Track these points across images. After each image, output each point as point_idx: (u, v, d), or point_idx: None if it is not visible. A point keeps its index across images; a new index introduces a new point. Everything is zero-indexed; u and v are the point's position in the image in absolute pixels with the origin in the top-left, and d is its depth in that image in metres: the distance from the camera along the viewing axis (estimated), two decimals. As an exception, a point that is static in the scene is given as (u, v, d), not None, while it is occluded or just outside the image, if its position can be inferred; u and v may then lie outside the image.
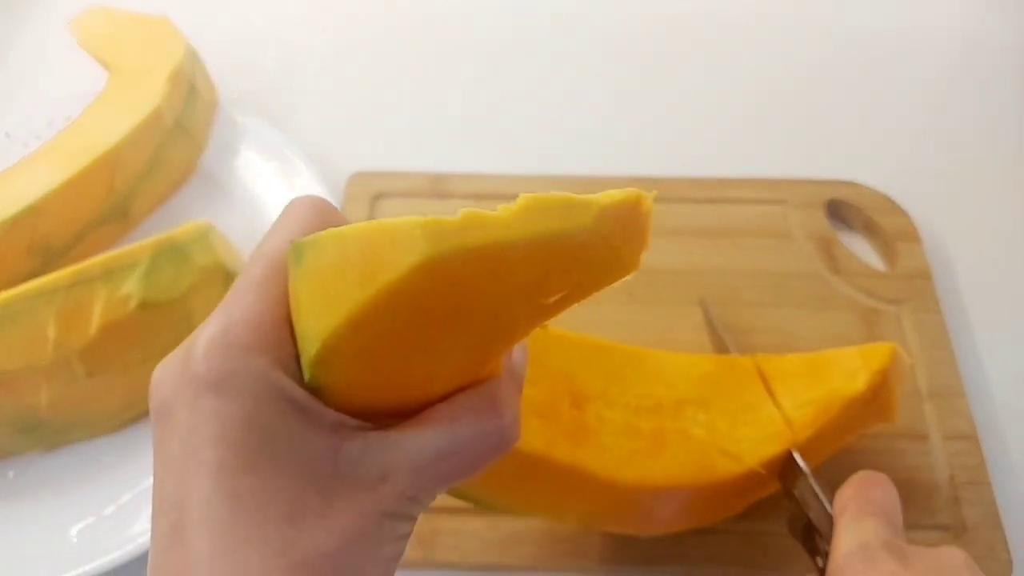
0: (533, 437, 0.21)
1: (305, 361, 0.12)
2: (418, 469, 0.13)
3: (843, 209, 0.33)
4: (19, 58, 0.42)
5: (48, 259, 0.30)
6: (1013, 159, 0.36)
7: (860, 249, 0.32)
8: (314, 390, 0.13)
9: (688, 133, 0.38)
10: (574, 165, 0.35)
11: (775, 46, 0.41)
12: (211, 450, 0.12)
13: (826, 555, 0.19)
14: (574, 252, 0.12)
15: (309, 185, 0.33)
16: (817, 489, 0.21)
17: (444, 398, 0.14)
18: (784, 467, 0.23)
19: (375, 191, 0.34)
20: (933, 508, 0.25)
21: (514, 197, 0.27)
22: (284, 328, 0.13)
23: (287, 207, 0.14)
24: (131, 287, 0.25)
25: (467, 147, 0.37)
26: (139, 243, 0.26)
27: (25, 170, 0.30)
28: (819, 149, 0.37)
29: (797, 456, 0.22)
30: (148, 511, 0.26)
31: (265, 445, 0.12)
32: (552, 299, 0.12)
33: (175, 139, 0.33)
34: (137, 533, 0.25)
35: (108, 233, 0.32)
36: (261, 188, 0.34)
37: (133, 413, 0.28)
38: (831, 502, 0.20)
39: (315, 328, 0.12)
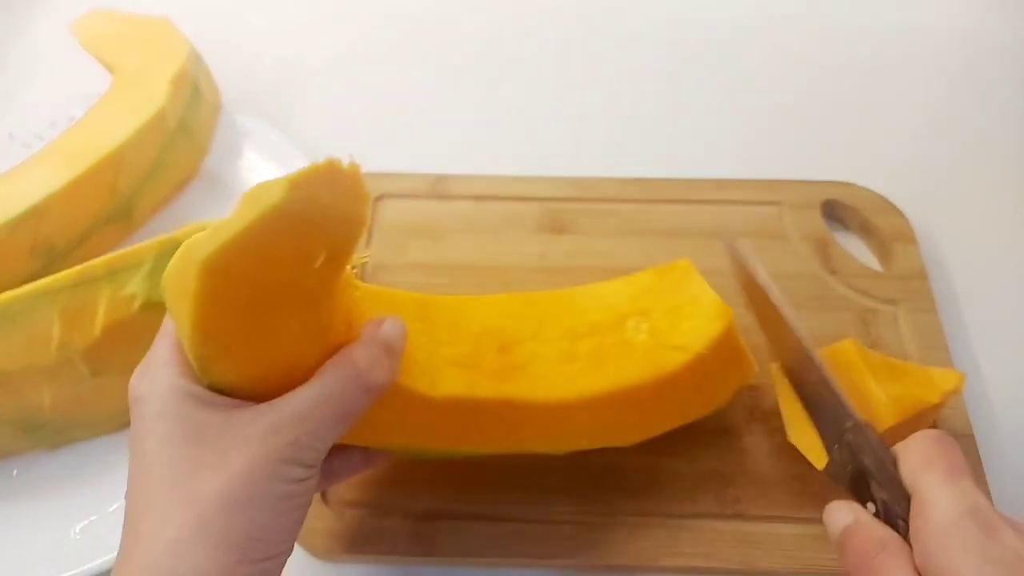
0: (451, 383, 0.22)
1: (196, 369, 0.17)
2: (299, 419, 0.17)
3: (839, 210, 0.33)
4: (22, 59, 0.42)
5: (51, 260, 0.30)
6: (1010, 160, 0.36)
7: (856, 250, 0.32)
8: (218, 390, 0.17)
9: (685, 135, 0.38)
10: (572, 166, 0.35)
11: (771, 48, 0.42)
12: (139, 440, 0.17)
13: (883, 503, 0.18)
14: (295, 222, 0.15)
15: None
16: (868, 432, 0.20)
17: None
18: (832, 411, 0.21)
19: (376, 192, 0.34)
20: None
21: (514, 198, 0.29)
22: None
23: None
24: (135, 287, 0.25)
25: (467, 149, 0.37)
26: (143, 243, 0.26)
27: (28, 171, 0.30)
28: (815, 150, 0.37)
29: (830, 378, 0.21)
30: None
31: (174, 426, 0.17)
32: (319, 261, 0.16)
33: (178, 140, 0.33)
34: (140, 531, 0.25)
35: (111, 234, 0.32)
36: (263, 189, 0.34)
37: (136, 412, 0.28)
38: (880, 443, 0.19)
39: (186, 344, 0.17)
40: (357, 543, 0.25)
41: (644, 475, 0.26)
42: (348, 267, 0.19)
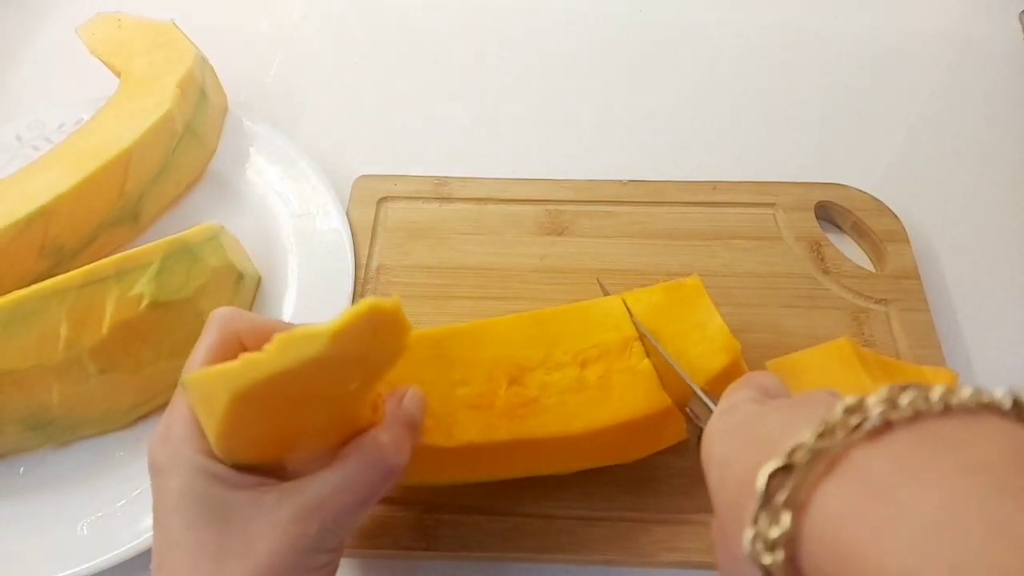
0: (467, 429, 0.22)
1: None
2: (321, 504, 0.17)
3: (832, 211, 0.34)
4: (30, 63, 0.43)
5: (60, 260, 0.30)
6: (1001, 162, 0.37)
7: (849, 250, 0.33)
8: (236, 466, 0.17)
9: (681, 138, 0.38)
10: (571, 168, 0.36)
11: (765, 50, 0.42)
12: (164, 514, 0.17)
13: None
14: (336, 362, 0.15)
15: (315, 188, 0.34)
16: (706, 399, 0.21)
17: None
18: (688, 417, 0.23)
19: (380, 194, 0.34)
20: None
21: (515, 200, 0.30)
22: None
23: (208, 320, 0.19)
24: (143, 287, 0.26)
25: (470, 151, 0.38)
26: (151, 244, 0.27)
27: (37, 173, 0.30)
28: (809, 152, 0.37)
29: (681, 372, 0.22)
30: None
31: (198, 508, 0.17)
32: (354, 386, 0.17)
33: (185, 143, 0.34)
34: (146, 528, 0.25)
35: (119, 235, 0.32)
36: (269, 191, 0.34)
37: (143, 411, 0.28)
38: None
39: (210, 439, 0.17)
40: (359, 537, 0.25)
41: (643, 471, 0.26)
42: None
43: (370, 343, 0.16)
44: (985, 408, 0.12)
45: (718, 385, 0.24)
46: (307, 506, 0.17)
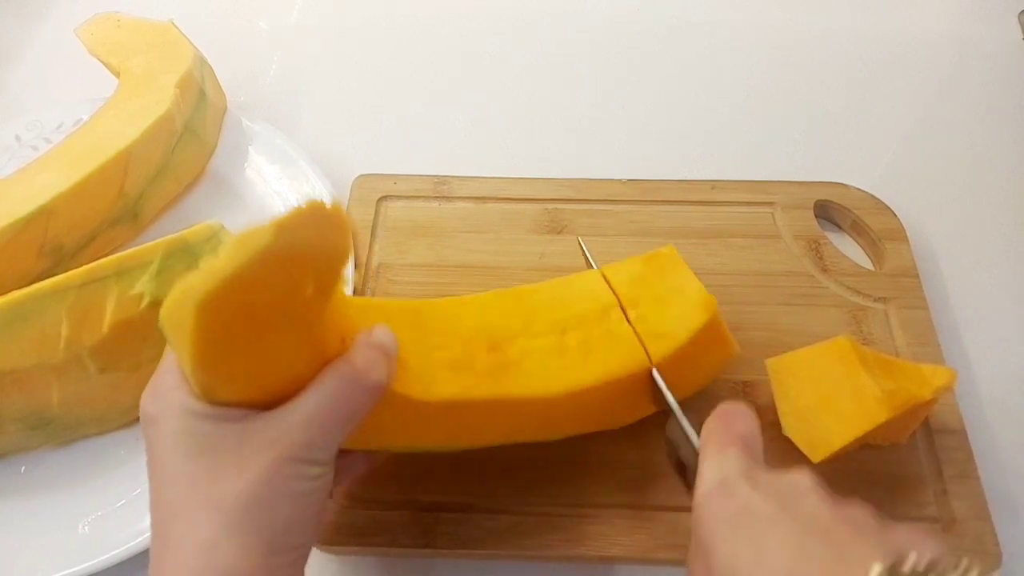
0: (445, 387, 0.22)
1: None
2: (308, 421, 0.18)
3: (831, 210, 0.34)
4: (29, 63, 0.43)
5: (59, 260, 0.30)
6: (999, 161, 0.37)
7: (848, 249, 0.33)
8: (223, 403, 0.18)
9: (680, 137, 0.38)
10: (570, 167, 0.36)
11: (765, 50, 0.42)
12: (158, 458, 0.18)
13: None
14: (282, 259, 0.16)
15: (315, 187, 0.34)
16: (685, 425, 0.21)
17: None
18: (656, 400, 0.23)
19: (379, 193, 0.34)
20: (922, 501, 0.25)
21: (514, 199, 0.30)
22: None
23: None
24: (143, 286, 0.26)
25: (469, 150, 0.38)
26: (151, 243, 0.27)
27: (36, 172, 0.30)
28: (808, 151, 0.37)
29: (666, 391, 0.22)
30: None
31: (190, 443, 0.18)
32: (310, 289, 0.18)
33: (184, 142, 0.34)
34: (146, 527, 0.25)
35: (119, 234, 0.32)
36: (268, 190, 0.34)
37: (143, 410, 0.28)
38: (699, 435, 0.20)
39: (188, 375, 0.18)
40: (358, 535, 0.25)
41: (641, 469, 0.26)
42: (339, 287, 0.20)
43: (315, 239, 0.17)
44: None
45: (699, 343, 0.24)
46: (294, 425, 0.18)
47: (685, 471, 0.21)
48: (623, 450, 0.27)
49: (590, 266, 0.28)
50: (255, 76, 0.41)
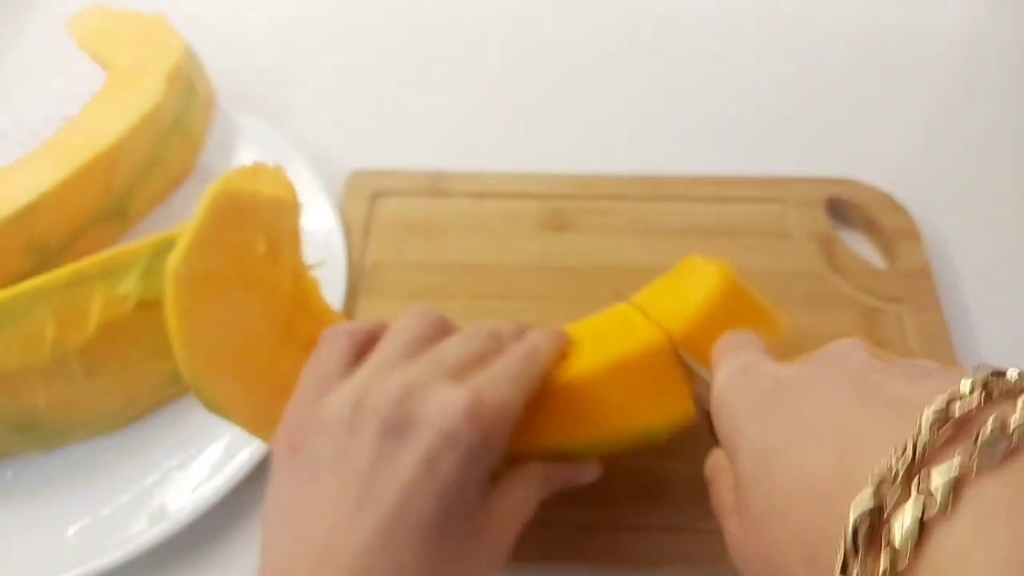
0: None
1: None
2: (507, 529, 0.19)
3: (843, 207, 0.33)
4: (16, 57, 0.42)
5: (46, 257, 0.29)
6: (1014, 158, 0.36)
7: (860, 248, 0.32)
8: (216, 411, 0.20)
9: (687, 131, 0.38)
10: (572, 163, 0.35)
11: (775, 44, 0.41)
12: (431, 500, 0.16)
13: None
14: (235, 213, 0.19)
15: (307, 183, 0.33)
16: (701, 371, 0.20)
17: None
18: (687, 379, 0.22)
19: (374, 189, 0.34)
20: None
21: (514, 195, 0.29)
22: None
23: None
24: (129, 286, 0.25)
25: (466, 145, 0.37)
26: (137, 242, 0.26)
27: (22, 169, 0.30)
28: (819, 147, 0.36)
29: (684, 355, 0.21)
30: (146, 512, 0.25)
31: (449, 518, 0.17)
32: (262, 247, 0.20)
33: (173, 138, 0.33)
34: (135, 533, 0.25)
35: (106, 232, 0.31)
36: (259, 187, 0.34)
37: (132, 413, 0.28)
38: None
39: (180, 364, 0.19)
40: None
41: (647, 478, 0.26)
42: (296, 258, 0.22)
43: (260, 196, 0.20)
44: None
45: (721, 314, 0.23)
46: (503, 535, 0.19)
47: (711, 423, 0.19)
48: (630, 458, 0.26)
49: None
50: (246, 69, 0.40)
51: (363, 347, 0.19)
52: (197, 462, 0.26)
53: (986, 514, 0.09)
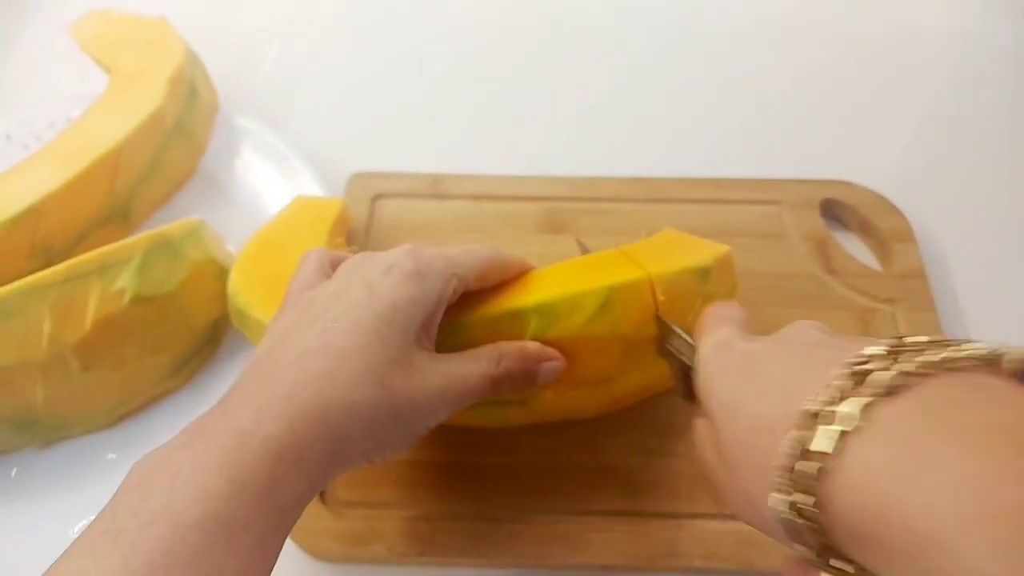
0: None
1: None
2: (463, 381, 0.20)
3: (838, 209, 0.33)
4: (20, 60, 0.42)
5: (49, 260, 0.29)
6: (1007, 160, 0.36)
7: (855, 249, 0.32)
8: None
9: (683, 134, 0.38)
10: (570, 165, 0.35)
11: (771, 47, 0.42)
12: (377, 319, 0.19)
13: None
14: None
15: (308, 186, 0.34)
16: (684, 335, 0.21)
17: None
18: (658, 337, 0.22)
19: (374, 192, 0.34)
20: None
21: (512, 197, 0.29)
22: None
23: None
24: (125, 282, 0.26)
25: (466, 148, 0.37)
26: (132, 239, 0.26)
27: (26, 171, 0.30)
28: (814, 149, 0.37)
29: (663, 317, 0.22)
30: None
31: (396, 328, 0.19)
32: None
33: (175, 140, 0.33)
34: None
35: (109, 234, 0.31)
36: (261, 189, 0.34)
37: (127, 408, 0.28)
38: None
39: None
40: (355, 543, 0.25)
41: (642, 476, 0.26)
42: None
43: None
44: (985, 366, 0.13)
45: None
46: (454, 375, 0.20)
47: (689, 381, 0.20)
48: (623, 456, 0.26)
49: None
50: (247, 73, 0.41)
51: (333, 264, 0.23)
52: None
53: (881, 428, 0.12)
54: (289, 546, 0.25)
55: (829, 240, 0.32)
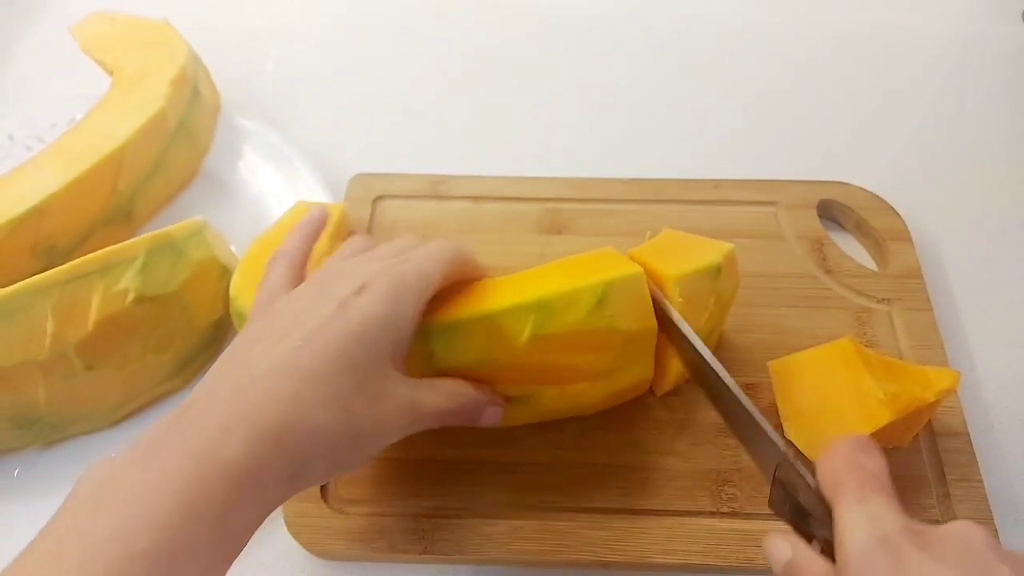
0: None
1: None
2: (430, 411, 0.21)
3: (835, 209, 0.33)
4: (22, 62, 0.42)
5: (52, 260, 0.30)
6: (1003, 160, 0.36)
7: (852, 249, 0.32)
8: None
9: (682, 135, 0.38)
10: (570, 166, 0.35)
11: (767, 49, 0.42)
12: (333, 338, 0.19)
13: (824, 540, 0.17)
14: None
15: (310, 187, 0.34)
16: (799, 466, 0.19)
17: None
18: (775, 488, 0.20)
19: (375, 192, 0.34)
20: (924, 505, 0.25)
21: (513, 198, 0.29)
22: None
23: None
24: (128, 282, 0.26)
25: (466, 149, 0.38)
26: (135, 239, 0.27)
27: (29, 172, 0.30)
28: (811, 150, 0.37)
29: (775, 435, 0.20)
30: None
31: (360, 354, 0.19)
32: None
33: (178, 141, 0.34)
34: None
35: (112, 234, 0.32)
36: (263, 189, 0.34)
37: (130, 408, 0.28)
38: (813, 474, 0.18)
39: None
40: (356, 541, 0.25)
41: (641, 473, 0.26)
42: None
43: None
44: None
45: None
46: (422, 406, 0.20)
47: (803, 518, 0.18)
48: (623, 453, 0.26)
49: None
50: (250, 74, 0.41)
51: (301, 260, 0.24)
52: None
53: None
54: (291, 544, 0.25)
55: (826, 240, 0.32)
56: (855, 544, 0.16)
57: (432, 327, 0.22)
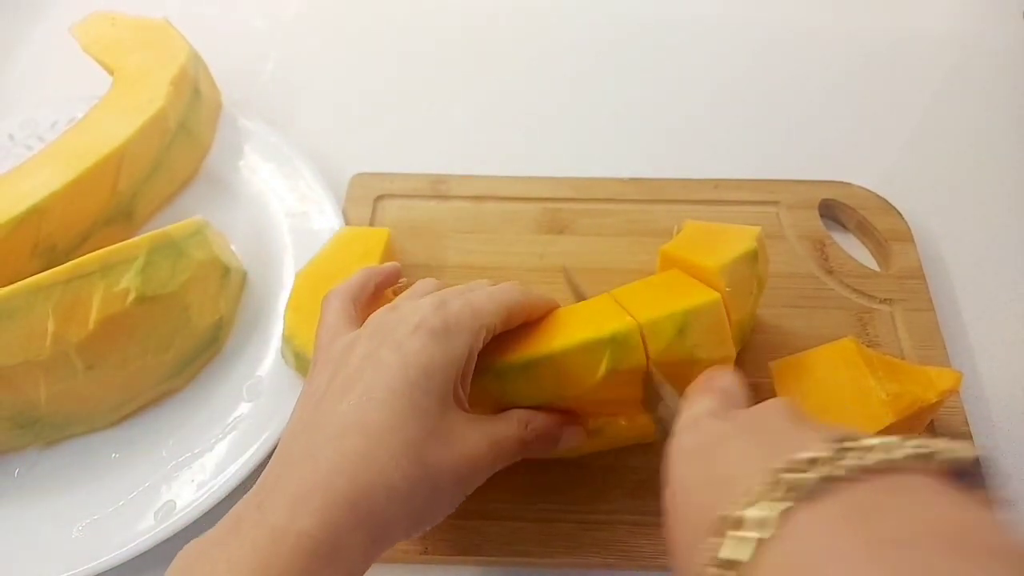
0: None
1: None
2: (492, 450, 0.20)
3: (837, 209, 0.33)
4: (23, 61, 0.42)
5: (52, 260, 0.30)
6: (1005, 160, 0.36)
7: (853, 249, 0.32)
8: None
9: (682, 135, 0.38)
10: (571, 166, 0.35)
11: (769, 48, 0.42)
12: (411, 386, 0.19)
13: None
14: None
15: (311, 186, 0.34)
16: (670, 400, 0.20)
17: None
18: (647, 394, 0.22)
19: (376, 192, 0.34)
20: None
21: (513, 198, 0.29)
22: None
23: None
24: (128, 281, 0.26)
25: (467, 149, 0.37)
26: (135, 239, 0.26)
27: (29, 171, 0.30)
28: (813, 150, 0.37)
29: (655, 373, 0.21)
30: (150, 510, 0.26)
31: (431, 399, 0.19)
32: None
33: (179, 141, 0.33)
34: (140, 531, 0.25)
35: (113, 234, 0.32)
36: (264, 189, 0.34)
37: (130, 408, 0.28)
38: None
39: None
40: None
41: (644, 474, 0.26)
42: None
43: None
44: (920, 464, 0.13)
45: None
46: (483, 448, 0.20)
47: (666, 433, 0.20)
48: (627, 455, 0.26)
49: (582, 298, 0.27)
50: (250, 74, 0.41)
51: (358, 295, 0.24)
52: (201, 460, 0.26)
53: (792, 536, 0.12)
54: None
55: (827, 240, 0.32)
56: (678, 423, 0.18)
57: (503, 366, 0.22)
